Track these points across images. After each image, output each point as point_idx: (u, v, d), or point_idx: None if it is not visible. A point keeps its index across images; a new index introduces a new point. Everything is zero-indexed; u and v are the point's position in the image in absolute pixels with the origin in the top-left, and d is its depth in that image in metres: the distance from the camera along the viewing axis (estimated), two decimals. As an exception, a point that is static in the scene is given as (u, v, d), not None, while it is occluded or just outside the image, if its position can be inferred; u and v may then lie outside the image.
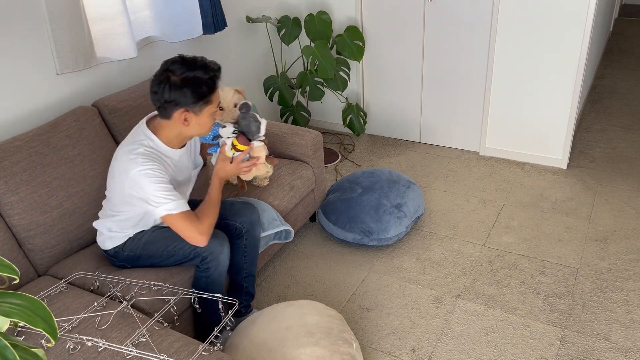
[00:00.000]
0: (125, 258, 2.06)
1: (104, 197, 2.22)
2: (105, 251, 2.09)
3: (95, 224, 2.10)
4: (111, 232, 2.05)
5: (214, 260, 2.01)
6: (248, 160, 2.16)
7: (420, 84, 3.76)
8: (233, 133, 2.11)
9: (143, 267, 2.08)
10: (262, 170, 2.36)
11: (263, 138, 2.16)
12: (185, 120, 1.86)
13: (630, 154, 3.63)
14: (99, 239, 2.11)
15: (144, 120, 1.95)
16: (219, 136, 2.14)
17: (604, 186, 3.27)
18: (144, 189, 1.84)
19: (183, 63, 1.81)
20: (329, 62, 3.35)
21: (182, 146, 2.02)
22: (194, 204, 2.18)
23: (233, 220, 2.20)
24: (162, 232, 2.06)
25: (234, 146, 2.08)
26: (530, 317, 2.35)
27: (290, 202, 2.62)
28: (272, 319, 2.02)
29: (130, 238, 2.05)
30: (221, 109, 2.20)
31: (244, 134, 2.12)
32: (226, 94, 2.20)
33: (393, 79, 3.84)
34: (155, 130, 1.92)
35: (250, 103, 2.17)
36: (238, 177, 2.40)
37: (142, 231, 2.07)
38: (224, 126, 2.13)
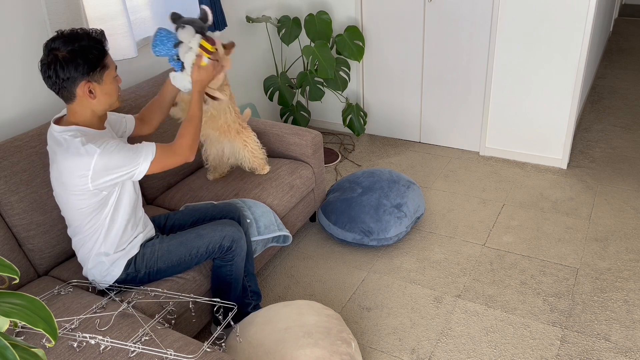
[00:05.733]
0: (143, 277, 1.99)
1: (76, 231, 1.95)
2: (118, 283, 1.97)
3: (86, 272, 1.97)
4: (108, 257, 1.93)
5: (239, 247, 2.09)
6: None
7: (420, 84, 3.76)
8: (196, 32, 1.92)
9: (165, 278, 2.04)
10: (227, 64, 2.07)
11: (218, 35, 2.01)
12: (91, 92, 1.75)
13: (630, 154, 3.63)
14: (104, 278, 1.96)
15: (51, 124, 1.82)
16: (179, 42, 1.95)
17: (604, 186, 3.27)
18: (114, 162, 1.74)
19: (64, 38, 1.70)
20: (329, 62, 3.35)
21: (103, 128, 1.89)
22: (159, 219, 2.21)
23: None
24: (173, 239, 2.03)
25: (203, 48, 1.89)
26: (530, 317, 2.35)
27: (290, 202, 2.62)
28: (269, 319, 2.02)
29: (137, 255, 1.97)
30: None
31: (202, 34, 1.95)
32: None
33: (393, 79, 3.84)
34: (67, 124, 1.80)
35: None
36: (206, 93, 2.14)
37: (149, 245, 2.00)
38: (177, 29, 1.94)
